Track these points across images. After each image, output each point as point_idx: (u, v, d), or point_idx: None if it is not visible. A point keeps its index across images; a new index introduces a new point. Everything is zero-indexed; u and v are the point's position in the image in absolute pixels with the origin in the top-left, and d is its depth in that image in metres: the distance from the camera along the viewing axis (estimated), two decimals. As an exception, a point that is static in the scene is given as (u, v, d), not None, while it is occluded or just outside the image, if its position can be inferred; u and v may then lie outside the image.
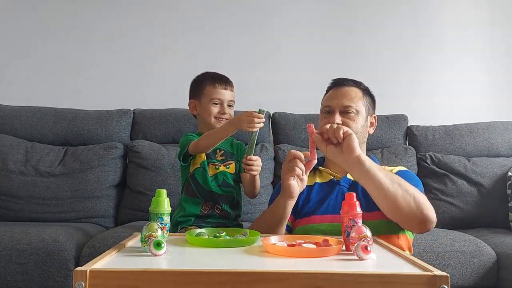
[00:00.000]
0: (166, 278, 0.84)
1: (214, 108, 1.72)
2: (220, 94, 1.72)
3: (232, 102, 1.75)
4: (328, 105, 1.57)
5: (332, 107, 1.56)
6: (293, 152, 1.34)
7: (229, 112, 1.73)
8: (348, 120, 1.53)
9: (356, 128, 1.52)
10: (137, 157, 2.41)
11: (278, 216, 1.39)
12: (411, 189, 1.30)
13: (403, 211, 1.26)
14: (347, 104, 1.54)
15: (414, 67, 2.87)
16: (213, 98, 1.71)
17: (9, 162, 2.34)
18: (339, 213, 1.12)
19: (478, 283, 1.88)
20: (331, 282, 0.84)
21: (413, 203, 1.28)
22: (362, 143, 1.56)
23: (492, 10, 2.90)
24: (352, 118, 1.53)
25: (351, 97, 1.55)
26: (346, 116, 1.53)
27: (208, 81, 1.73)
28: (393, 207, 1.27)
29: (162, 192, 1.12)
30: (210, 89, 1.72)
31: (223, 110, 1.71)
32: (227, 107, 1.72)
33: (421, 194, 1.32)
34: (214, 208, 1.68)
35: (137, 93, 2.77)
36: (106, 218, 2.34)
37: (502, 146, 2.56)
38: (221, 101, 1.72)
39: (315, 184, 1.55)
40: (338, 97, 1.56)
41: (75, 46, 2.79)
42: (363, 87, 1.62)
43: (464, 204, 2.37)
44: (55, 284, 1.76)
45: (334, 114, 1.54)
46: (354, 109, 1.54)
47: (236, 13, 2.85)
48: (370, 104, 1.61)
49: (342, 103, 1.54)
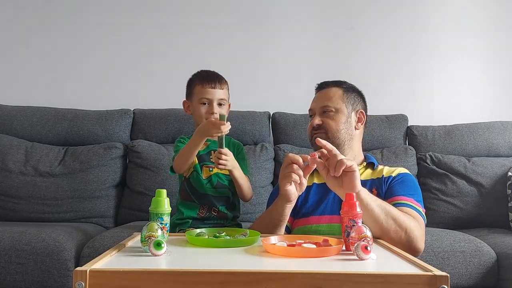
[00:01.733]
0: (166, 278, 0.84)
1: (203, 108, 1.67)
2: (208, 93, 1.67)
3: (224, 101, 1.69)
4: (310, 109, 1.64)
5: (313, 109, 1.62)
6: (291, 156, 1.29)
7: (219, 111, 1.66)
8: (328, 119, 1.56)
9: (336, 127, 1.55)
10: (137, 157, 2.41)
11: (276, 219, 1.37)
12: (405, 223, 1.29)
13: (393, 241, 1.26)
14: (325, 104, 1.58)
15: (414, 67, 2.87)
16: (201, 98, 1.67)
17: (9, 162, 2.34)
18: (336, 213, 1.12)
19: (478, 283, 1.88)
20: (331, 282, 0.84)
21: (404, 237, 1.28)
22: (349, 139, 1.57)
23: (491, 10, 2.90)
24: (331, 117, 1.56)
25: (329, 96, 1.59)
26: (325, 116, 1.57)
27: (197, 81, 1.70)
28: (384, 236, 1.27)
29: (162, 192, 1.12)
30: (198, 88, 1.68)
31: (212, 110, 1.66)
32: (216, 106, 1.67)
33: (414, 225, 1.31)
34: (211, 211, 1.67)
35: (137, 93, 2.77)
36: (106, 218, 2.34)
37: (502, 146, 2.56)
38: (210, 100, 1.67)
39: (313, 184, 1.55)
40: (317, 99, 1.62)
41: (75, 46, 2.79)
42: (345, 85, 1.63)
43: (464, 204, 2.37)
44: (55, 284, 1.76)
45: (315, 116, 1.59)
46: (333, 107, 1.57)
47: (236, 13, 2.85)
48: (354, 100, 1.61)
49: (320, 104, 1.59)
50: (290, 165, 1.28)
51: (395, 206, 1.36)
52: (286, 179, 1.29)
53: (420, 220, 1.38)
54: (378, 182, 1.51)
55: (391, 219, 1.27)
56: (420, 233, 1.33)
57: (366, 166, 1.58)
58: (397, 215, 1.29)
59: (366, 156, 1.63)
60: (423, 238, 1.35)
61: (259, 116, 2.59)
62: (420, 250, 1.32)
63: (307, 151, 2.50)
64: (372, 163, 1.58)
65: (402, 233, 1.28)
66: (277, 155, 2.48)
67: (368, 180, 1.52)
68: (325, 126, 1.57)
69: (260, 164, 2.41)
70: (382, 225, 1.27)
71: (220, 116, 1.55)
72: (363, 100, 1.66)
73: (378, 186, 1.50)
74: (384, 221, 1.27)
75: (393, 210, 1.30)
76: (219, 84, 1.69)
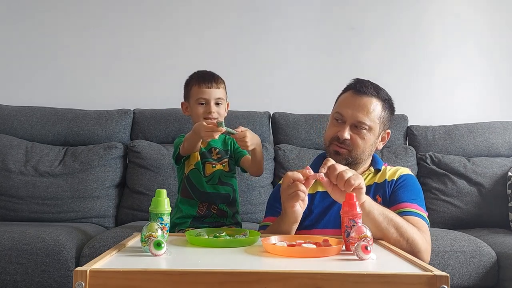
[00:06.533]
0: (166, 278, 0.84)
1: (200, 108, 1.67)
2: (204, 93, 1.67)
3: (221, 100, 1.69)
4: (340, 113, 1.47)
5: (345, 117, 1.46)
6: (291, 175, 1.23)
7: (217, 110, 1.67)
8: (358, 137, 1.45)
9: (363, 147, 1.45)
10: (137, 157, 2.41)
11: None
12: (407, 232, 1.28)
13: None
14: (361, 119, 1.44)
15: (414, 67, 2.87)
16: (198, 98, 1.67)
17: (9, 162, 2.34)
18: (340, 227, 1.12)
19: (478, 283, 1.87)
20: (331, 282, 0.84)
21: (405, 246, 1.26)
22: (368, 158, 1.51)
23: (492, 10, 2.90)
24: (362, 135, 1.45)
25: (368, 110, 1.44)
26: (356, 131, 1.45)
27: (194, 81, 1.71)
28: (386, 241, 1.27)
29: (162, 192, 1.12)
30: (195, 89, 1.69)
31: (209, 109, 1.66)
32: (213, 106, 1.67)
33: (419, 236, 1.30)
34: (211, 209, 1.67)
35: (137, 93, 2.77)
36: (106, 218, 2.34)
37: (502, 146, 2.56)
38: (207, 100, 1.67)
39: (317, 193, 1.49)
40: (354, 108, 1.45)
41: (75, 46, 2.79)
42: (385, 97, 1.50)
43: (464, 204, 2.37)
44: (55, 284, 1.76)
45: (344, 127, 1.45)
46: (368, 125, 1.44)
47: (236, 13, 2.85)
48: (387, 119, 1.51)
49: (356, 117, 1.44)
50: (294, 183, 1.22)
51: (400, 215, 1.35)
52: (294, 199, 1.23)
53: (426, 231, 1.36)
54: (382, 187, 1.48)
55: (393, 228, 1.27)
56: (424, 245, 1.31)
57: (371, 171, 1.53)
58: (400, 224, 1.28)
59: (373, 160, 1.56)
60: (428, 249, 1.33)
61: (259, 116, 2.59)
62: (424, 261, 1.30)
63: (307, 151, 2.50)
64: (378, 169, 1.53)
65: (404, 242, 1.27)
66: (277, 155, 2.48)
67: (372, 185, 1.50)
68: (351, 143, 1.45)
69: (260, 164, 2.40)
70: (383, 232, 1.26)
71: (218, 123, 1.50)
72: (393, 116, 1.56)
73: (382, 191, 1.47)
74: (386, 229, 1.26)
75: (396, 218, 1.30)
76: (216, 83, 1.69)
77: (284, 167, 2.41)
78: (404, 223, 1.30)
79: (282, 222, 1.31)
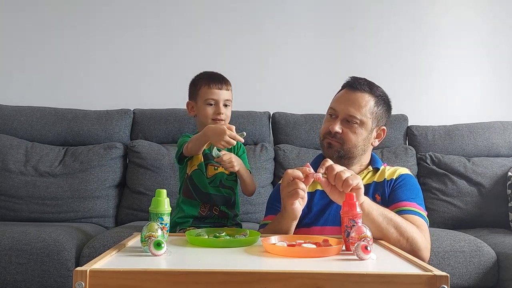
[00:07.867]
0: (166, 278, 0.84)
1: (209, 109, 1.68)
2: (214, 94, 1.67)
3: (229, 102, 1.71)
4: (334, 108, 1.50)
5: (336, 112, 1.49)
6: (291, 173, 1.24)
7: (225, 112, 1.68)
8: (349, 131, 1.46)
9: (355, 141, 1.46)
10: (137, 157, 2.41)
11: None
12: (407, 231, 1.28)
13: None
14: (352, 113, 1.46)
15: (414, 67, 2.87)
16: (207, 99, 1.67)
17: (9, 162, 2.34)
18: (339, 225, 1.12)
19: (478, 283, 1.87)
20: (331, 282, 0.84)
21: (406, 245, 1.27)
22: (362, 154, 1.51)
23: (492, 11, 2.90)
24: (354, 129, 1.46)
25: (359, 104, 1.46)
26: (348, 126, 1.47)
27: (203, 82, 1.70)
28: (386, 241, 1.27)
29: (162, 192, 1.12)
30: (205, 89, 1.68)
31: (219, 110, 1.67)
32: (222, 107, 1.68)
33: (418, 235, 1.30)
34: (213, 210, 1.67)
35: (137, 93, 2.77)
36: (106, 218, 2.34)
37: (502, 146, 2.56)
38: (216, 101, 1.68)
39: (317, 191, 1.50)
40: (346, 103, 1.48)
41: (75, 46, 2.79)
42: (378, 93, 1.51)
43: (464, 204, 2.37)
44: (55, 284, 1.76)
45: (336, 121, 1.47)
46: (359, 119, 1.46)
47: (236, 13, 2.85)
48: (381, 114, 1.52)
49: (347, 110, 1.46)
50: (293, 181, 1.23)
51: (399, 213, 1.35)
52: (293, 197, 1.24)
53: (425, 229, 1.37)
54: (381, 186, 1.49)
55: (392, 227, 1.27)
56: (424, 243, 1.32)
57: (370, 170, 1.54)
58: (400, 224, 1.29)
59: (372, 159, 1.57)
60: (428, 247, 1.34)
61: (259, 116, 2.59)
62: (424, 259, 1.31)
63: (306, 151, 2.50)
64: (377, 168, 1.54)
65: (404, 242, 1.28)
66: (277, 155, 2.48)
67: (372, 183, 1.50)
68: (343, 137, 1.47)
69: (260, 164, 2.41)
70: (382, 232, 1.27)
71: (240, 134, 1.48)
72: (389, 114, 1.56)
73: (381, 190, 1.48)
74: (385, 229, 1.27)
75: (396, 218, 1.30)
76: (225, 85, 1.71)
77: (284, 167, 2.41)
78: (404, 222, 1.30)
79: (282, 219, 1.32)
